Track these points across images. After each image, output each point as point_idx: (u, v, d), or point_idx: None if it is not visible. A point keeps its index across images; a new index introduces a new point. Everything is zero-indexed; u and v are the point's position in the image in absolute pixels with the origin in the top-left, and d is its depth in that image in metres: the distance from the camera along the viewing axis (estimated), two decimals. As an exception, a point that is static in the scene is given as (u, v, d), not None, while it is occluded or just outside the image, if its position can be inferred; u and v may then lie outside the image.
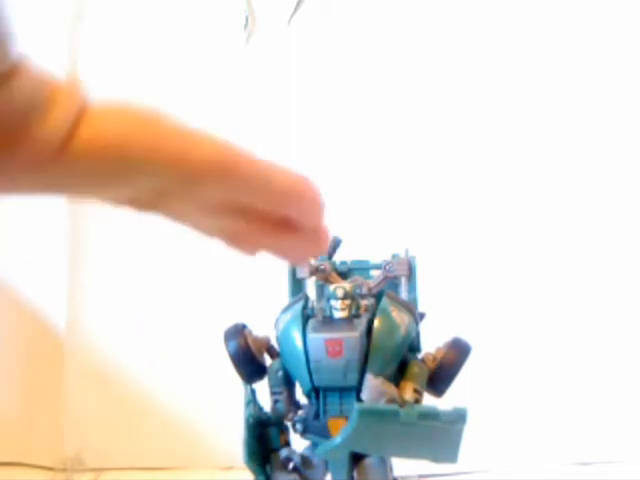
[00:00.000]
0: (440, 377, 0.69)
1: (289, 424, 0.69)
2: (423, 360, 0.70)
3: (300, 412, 0.69)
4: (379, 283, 0.74)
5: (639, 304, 1.30)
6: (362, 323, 0.66)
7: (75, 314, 1.36)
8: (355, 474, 0.68)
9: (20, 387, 1.36)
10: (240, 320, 0.73)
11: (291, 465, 0.67)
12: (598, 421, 1.28)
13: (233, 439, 0.72)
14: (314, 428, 0.68)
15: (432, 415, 0.61)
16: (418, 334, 0.71)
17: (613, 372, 1.29)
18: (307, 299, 0.71)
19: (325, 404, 0.67)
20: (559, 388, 1.29)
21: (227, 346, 0.70)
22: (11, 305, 1.36)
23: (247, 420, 0.68)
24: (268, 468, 0.68)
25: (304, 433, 0.69)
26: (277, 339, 0.69)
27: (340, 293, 0.67)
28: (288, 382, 0.70)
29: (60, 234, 1.36)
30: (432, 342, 0.72)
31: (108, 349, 1.35)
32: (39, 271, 1.36)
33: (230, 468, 1.28)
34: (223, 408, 1.09)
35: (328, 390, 0.67)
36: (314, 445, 0.68)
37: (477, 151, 1.32)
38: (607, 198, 1.31)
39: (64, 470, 1.32)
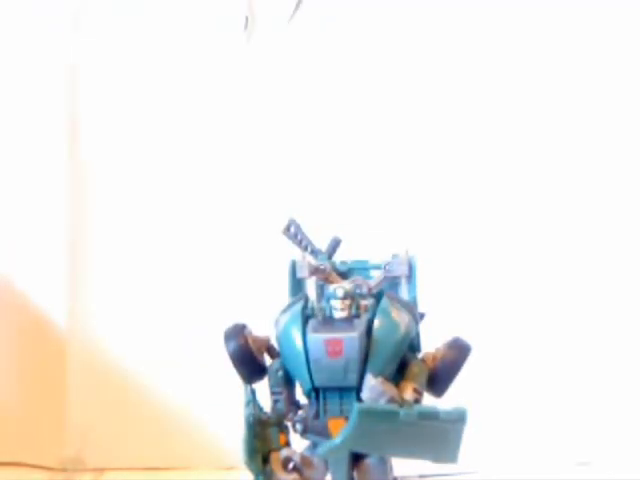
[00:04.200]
0: (440, 377, 0.69)
1: (289, 424, 0.69)
2: (423, 360, 0.70)
3: (300, 412, 0.70)
4: (379, 283, 0.74)
5: (639, 304, 1.30)
6: (362, 323, 0.66)
7: (76, 314, 1.36)
8: (355, 474, 0.68)
9: (20, 387, 1.36)
10: (240, 320, 0.73)
11: (291, 465, 0.67)
12: (598, 421, 1.28)
13: (233, 439, 0.72)
14: (314, 428, 0.68)
15: (432, 415, 0.61)
16: (418, 334, 0.71)
17: (613, 371, 1.29)
18: (307, 299, 0.71)
19: (325, 404, 0.67)
20: (559, 387, 1.29)
21: (227, 346, 0.70)
22: (12, 303, 1.36)
23: (247, 420, 0.68)
24: (268, 468, 0.68)
25: (304, 433, 0.69)
26: (277, 339, 0.69)
27: (340, 293, 0.67)
28: (288, 382, 0.70)
29: (61, 231, 1.36)
30: (432, 342, 0.72)
31: (109, 349, 1.35)
32: (40, 269, 1.36)
33: (230, 468, 1.28)
34: (223, 408, 1.09)
35: (328, 390, 0.67)
36: (314, 445, 0.69)
37: (477, 151, 1.32)
38: (607, 198, 1.31)
39: (64, 470, 1.32)
